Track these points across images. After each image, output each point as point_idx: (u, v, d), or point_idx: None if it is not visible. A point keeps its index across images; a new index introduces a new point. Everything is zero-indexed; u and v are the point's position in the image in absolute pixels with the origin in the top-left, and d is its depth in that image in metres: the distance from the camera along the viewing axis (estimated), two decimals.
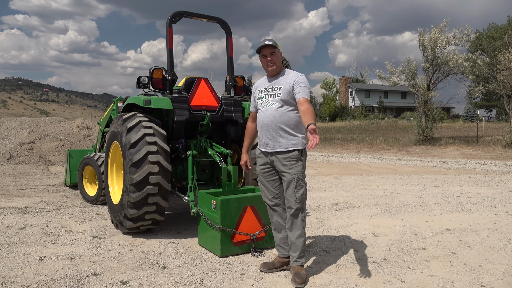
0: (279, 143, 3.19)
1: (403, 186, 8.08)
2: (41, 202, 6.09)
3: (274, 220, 3.41)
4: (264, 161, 3.33)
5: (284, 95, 3.19)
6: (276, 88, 3.25)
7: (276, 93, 3.23)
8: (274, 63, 3.26)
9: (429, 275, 3.30)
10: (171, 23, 4.67)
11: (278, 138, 3.19)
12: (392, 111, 58.36)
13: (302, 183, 3.18)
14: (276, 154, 3.22)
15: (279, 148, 3.19)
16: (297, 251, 3.20)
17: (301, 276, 3.13)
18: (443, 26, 20.16)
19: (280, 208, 3.36)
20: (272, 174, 3.33)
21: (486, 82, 24.52)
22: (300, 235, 3.20)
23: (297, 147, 3.18)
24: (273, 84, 3.29)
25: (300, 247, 3.20)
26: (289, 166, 3.16)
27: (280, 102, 3.20)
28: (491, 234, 4.57)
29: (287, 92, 3.18)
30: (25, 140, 12.51)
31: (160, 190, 4.04)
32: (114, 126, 4.48)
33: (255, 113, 3.48)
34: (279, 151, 3.20)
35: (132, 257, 3.67)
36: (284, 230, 3.35)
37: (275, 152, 3.22)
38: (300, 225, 3.21)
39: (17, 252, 3.73)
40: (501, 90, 21.27)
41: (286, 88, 3.19)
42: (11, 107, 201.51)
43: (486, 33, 42.90)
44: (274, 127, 3.19)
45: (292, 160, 3.16)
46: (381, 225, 4.93)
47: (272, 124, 3.20)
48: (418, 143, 19.83)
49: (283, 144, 3.18)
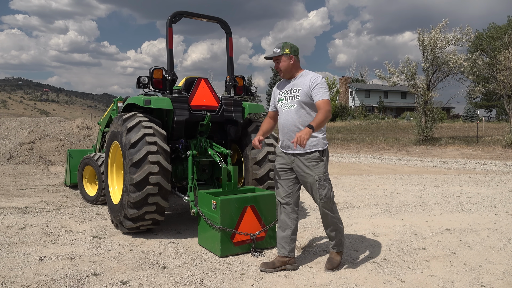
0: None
1: (403, 186, 8.08)
2: (41, 202, 6.10)
3: (281, 217, 3.47)
4: (284, 161, 3.42)
5: (302, 97, 3.29)
6: (295, 90, 3.35)
7: (295, 95, 3.34)
8: (280, 70, 3.41)
9: (429, 275, 3.30)
10: (171, 23, 4.67)
11: None
12: (392, 111, 58.37)
13: (325, 183, 3.28)
14: (298, 156, 3.30)
15: (299, 150, 3.27)
16: (333, 240, 3.46)
17: (332, 262, 3.40)
18: (443, 26, 20.16)
19: (289, 208, 3.43)
20: (289, 174, 3.42)
21: (486, 82, 24.53)
22: (332, 229, 3.41)
23: (317, 148, 3.26)
24: (292, 86, 3.39)
25: (336, 239, 3.43)
26: (311, 167, 3.25)
27: (299, 104, 3.30)
28: (491, 234, 4.57)
29: (306, 94, 3.28)
30: (25, 140, 12.51)
31: (160, 190, 4.04)
32: (114, 126, 4.48)
33: (272, 112, 3.61)
34: (300, 152, 3.28)
35: (132, 257, 3.67)
36: (289, 229, 3.42)
37: (296, 153, 3.30)
38: (331, 222, 3.38)
39: (17, 252, 3.73)
40: (501, 90, 21.28)
41: (304, 90, 3.29)
42: (11, 107, 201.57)
43: (486, 33, 42.87)
44: (293, 128, 3.30)
45: (313, 161, 3.25)
46: (381, 225, 4.94)
47: (292, 126, 3.31)
48: (418, 143, 19.84)
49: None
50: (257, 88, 9.32)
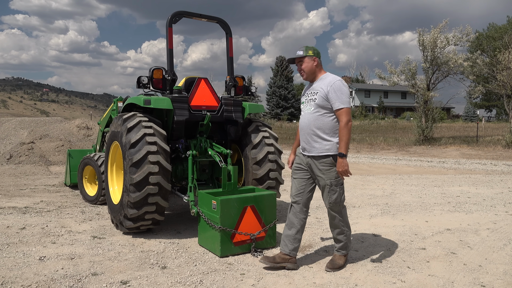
0: (313, 148, 3.35)
1: (403, 186, 8.08)
2: (41, 202, 6.09)
3: (289, 216, 3.52)
4: (300, 161, 3.51)
5: (319, 100, 3.33)
6: (313, 93, 3.40)
7: (312, 98, 3.39)
8: (304, 72, 3.43)
9: (429, 275, 3.30)
10: (171, 23, 4.68)
11: (312, 142, 3.35)
12: (392, 111, 58.36)
13: (336, 188, 3.32)
14: (312, 159, 3.37)
15: (314, 153, 3.35)
16: (338, 244, 3.50)
17: (334, 263, 3.42)
18: (443, 26, 20.15)
19: (298, 207, 3.48)
20: (303, 173, 3.49)
21: (486, 82, 24.53)
22: (339, 232, 3.46)
23: (331, 152, 3.29)
24: (311, 89, 3.45)
25: (343, 241, 3.46)
26: (323, 171, 3.31)
27: (315, 107, 3.35)
28: (491, 234, 4.57)
29: (322, 98, 3.31)
30: (25, 140, 12.50)
31: (160, 190, 4.04)
32: (114, 126, 4.48)
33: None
34: (314, 155, 3.35)
35: (132, 257, 3.67)
36: (294, 228, 3.46)
37: (311, 156, 3.37)
38: (338, 224, 3.43)
39: (17, 252, 3.73)
40: (501, 90, 21.27)
41: (321, 94, 3.32)
42: (11, 107, 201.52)
43: (486, 33, 42.89)
44: (308, 131, 3.36)
45: (326, 166, 3.30)
46: (381, 225, 4.94)
47: (307, 129, 3.37)
48: (418, 143, 19.83)
49: (317, 149, 3.33)
50: (257, 88, 9.28)
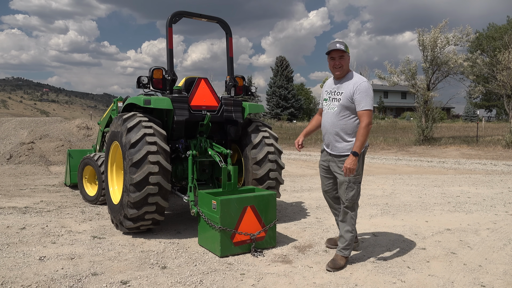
0: (335, 147, 3.43)
1: (403, 186, 8.08)
2: (41, 202, 6.09)
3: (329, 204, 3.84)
4: (325, 158, 3.63)
5: (344, 101, 3.34)
6: (339, 93, 3.40)
7: (337, 98, 3.40)
8: (341, 67, 3.38)
9: (429, 275, 3.30)
10: (171, 23, 4.68)
11: (335, 143, 3.42)
12: (392, 111, 58.35)
13: (354, 186, 3.39)
14: (333, 157, 3.49)
15: (335, 152, 3.46)
16: (343, 243, 3.49)
17: (336, 263, 3.42)
18: (443, 26, 20.15)
19: (330, 199, 3.76)
20: (326, 172, 3.65)
21: (486, 82, 24.52)
22: (348, 230, 3.48)
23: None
24: (337, 88, 3.44)
25: (347, 240, 3.48)
26: (343, 168, 3.34)
27: (340, 108, 3.37)
28: (491, 234, 4.57)
29: (348, 99, 3.32)
30: (25, 140, 12.50)
31: (160, 190, 4.04)
32: (114, 126, 4.48)
33: (321, 109, 3.71)
34: (335, 154, 3.46)
35: (132, 257, 3.67)
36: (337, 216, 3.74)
37: (332, 154, 3.48)
38: (349, 221, 3.48)
39: (17, 252, 3.73)
40: (501, 90, 21.27)
41: (346, 95, 3.33)
42: (11, 107, 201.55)
43: (486, 33, 42.86)
44: (332, 132, 3.42)
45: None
46: (381, 225, 4.94)
47: (331, 130, 3.42)
48: (418, 143, 19.82)
49: (339, 149, 3.41)
50: (257, 88, 9.24)
